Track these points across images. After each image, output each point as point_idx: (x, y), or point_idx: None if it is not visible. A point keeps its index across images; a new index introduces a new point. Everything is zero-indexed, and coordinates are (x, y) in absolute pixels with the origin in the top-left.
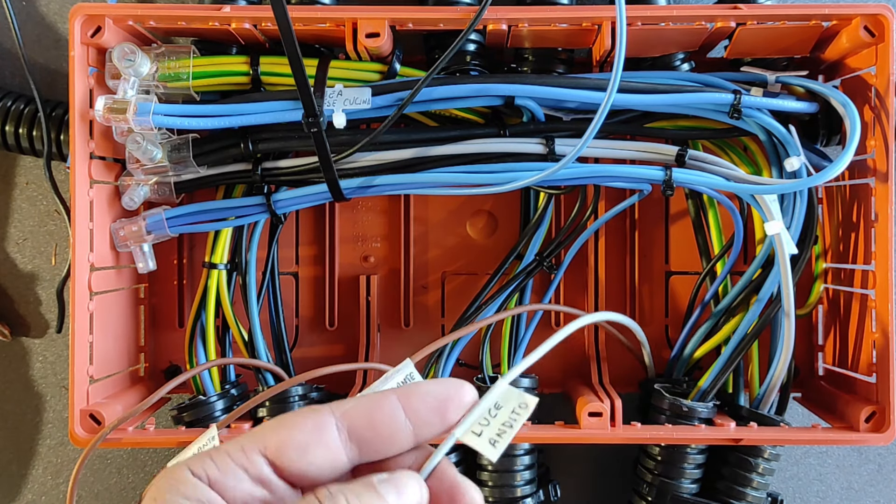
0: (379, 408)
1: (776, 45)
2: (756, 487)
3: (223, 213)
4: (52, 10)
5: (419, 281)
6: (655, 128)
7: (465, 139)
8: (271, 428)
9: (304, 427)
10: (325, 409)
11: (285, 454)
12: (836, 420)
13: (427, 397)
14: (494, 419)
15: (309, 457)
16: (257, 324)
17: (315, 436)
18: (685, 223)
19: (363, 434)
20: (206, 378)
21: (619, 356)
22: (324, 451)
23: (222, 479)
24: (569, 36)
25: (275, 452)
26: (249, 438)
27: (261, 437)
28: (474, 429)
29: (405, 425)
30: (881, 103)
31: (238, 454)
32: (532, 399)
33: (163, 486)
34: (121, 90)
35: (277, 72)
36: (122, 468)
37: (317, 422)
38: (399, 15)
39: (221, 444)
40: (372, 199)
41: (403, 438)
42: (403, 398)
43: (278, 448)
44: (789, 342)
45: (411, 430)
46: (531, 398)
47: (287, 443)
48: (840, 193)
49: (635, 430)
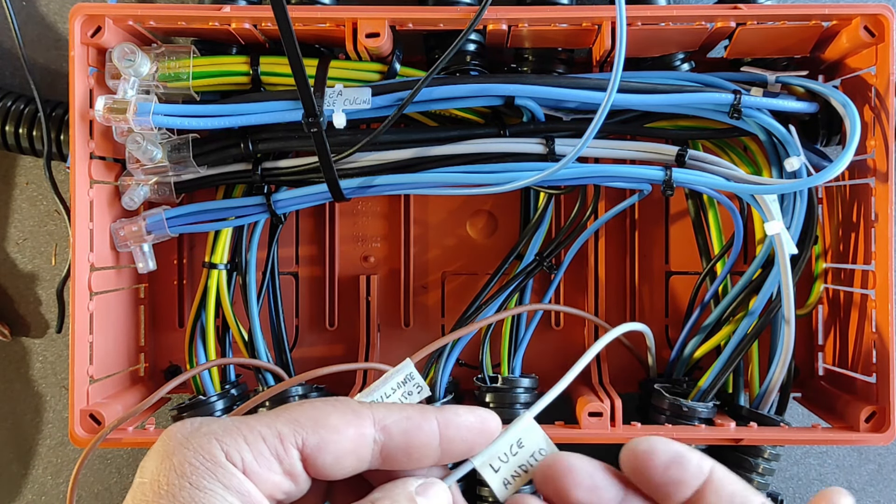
0: (419, 430)
1: (776, 45)
2: (756, 487)
3: (223, 213)
4: (52, 10)
5: (419, 281)
6: (655, 128)
7: (465, 139)
8: (311, 422)
9: (346, 434)
10: (368, 418)
11: (321, 457)
12: (836, 420)
13: (462, 429)
14: (514, 458)
15: (343, 462)
16: (257, 324)
17: (353, 445)
18: (685, 223)
19: (396, 453)
20: (206, 378)
21: (619, 356)
22: (356, 460)
23: (256, 469)
24: (569, 36)
25: (312, 451)
26: (286, 426)
27: (300, 430)
28: (493, 462)
29: (436, 451)
30: (881, 103)
31: (274, 442)
32: (554, 448)
33: (195, 464)
34: (121, 90)
35: (277, 72)
36: (122, 468)
37: (359, 431)
38: (399, 15)
39: (253, 422)
40: (372, 199)
41: (429, 461)
42: (443, 425)
43: (317, 448)
44: (789, 342)
45: (439, 455)
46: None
47: (326, 447)
48: (840, 193)
49: (635, 430)
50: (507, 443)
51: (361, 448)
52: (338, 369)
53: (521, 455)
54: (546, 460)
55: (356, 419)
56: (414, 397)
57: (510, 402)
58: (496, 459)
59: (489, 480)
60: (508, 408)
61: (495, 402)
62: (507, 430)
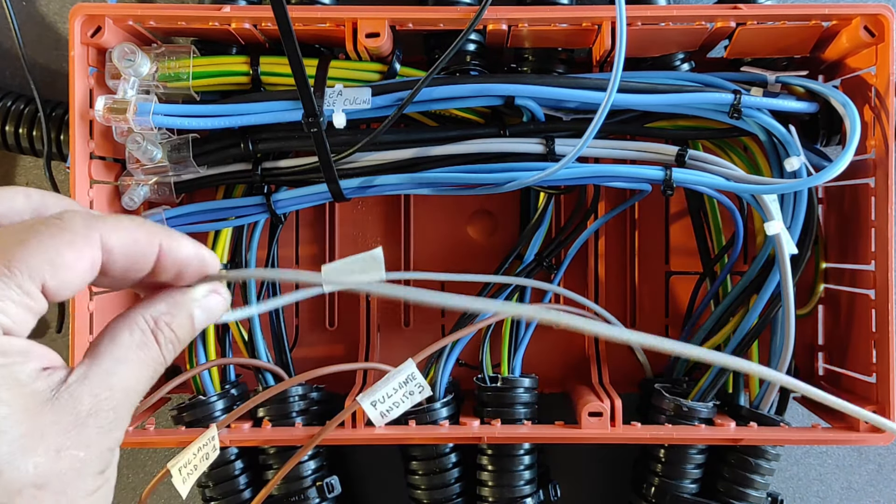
0: (143, 256)
1: (776, 45)
2: (756, 487)
3: (223, 213)
4: (52, 10)
5: (419, 281)
6: (655, 128)
7: (465, 139)
8: (48, 265)
9: (80, 266)
10: (97, 244)
11: (56, 292)
12: (836, 420)
13: (179, 261)
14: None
15: (73, 290)
16: (257, 324)
17: (87, 275)
18: (685, 223)
19: (116, 270)
20: (206, 378)
21: (620, 356)
22: (83, 283)
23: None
24: (569, 36)
25: (49, 289)
26: (24, 274)
27: (37, 274)
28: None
29: (164, 274)
30: (881, 103)
31: (17, 293)
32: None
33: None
34: (121, 90)
35: (277, 72)
36: (122, 468)
37: (92, 262)
38: (399, 15)
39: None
40: (372, 199)
41: (155, 278)
42: (165, 249)
43: (54, 287)
44: (789, 342)
45: (168, 278)
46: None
47: (62, 284)
48: (840, 193)
49: (635, 430)
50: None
51: (89, 274)
52: (338, 369)
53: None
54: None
55: (88, 248)
56: (415, 397)
57: (510, 402)
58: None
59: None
60: (508, 408)
61: (496, 403)
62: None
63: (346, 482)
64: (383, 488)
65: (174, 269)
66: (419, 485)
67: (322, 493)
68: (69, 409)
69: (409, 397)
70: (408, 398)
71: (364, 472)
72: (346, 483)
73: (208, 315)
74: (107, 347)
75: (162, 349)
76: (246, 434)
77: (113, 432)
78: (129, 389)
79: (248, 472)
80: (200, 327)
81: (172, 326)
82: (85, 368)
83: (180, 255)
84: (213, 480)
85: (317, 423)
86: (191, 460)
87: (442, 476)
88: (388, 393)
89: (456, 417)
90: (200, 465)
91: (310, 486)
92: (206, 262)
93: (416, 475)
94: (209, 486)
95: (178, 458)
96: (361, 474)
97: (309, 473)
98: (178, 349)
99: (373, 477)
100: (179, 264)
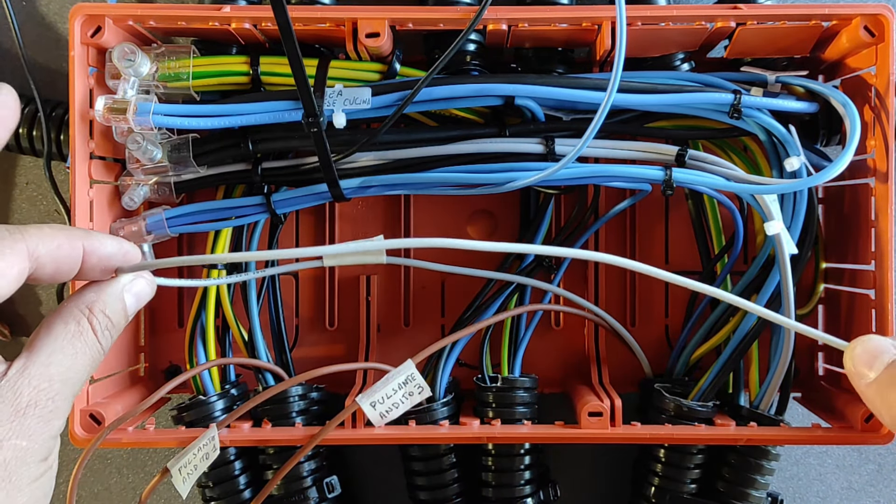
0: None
1: (776, 45)
2: (756, 487)
3: (223, 213)
4: (52, 10)
5: (419, 281)
6: (655, 128)
7: (465, 139)
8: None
9: (9, 274)
10: (23, 253)
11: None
12: (836, 420)
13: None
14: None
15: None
16: (257, 324)
17: (15, 282)
18: (685, 223)
19: (45, 275)
20: (206, 378)
21: (619, 356)
22: (11, 290)
23: None
24: (569, 36)
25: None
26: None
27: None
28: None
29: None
30: (881, 103)
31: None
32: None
33: None
34: (121, 90)
35: (277, 72)
36: (122, 468)
37: (19, 270)
38: (399, 15)
39: None
40: (372, 198)
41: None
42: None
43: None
44: (789, 342)
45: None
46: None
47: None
48: (840, 193)
49: (635, 430)
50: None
51: (17, 281)
52: (338, 369)
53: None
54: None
55: (15, 258)
56: (415, 398)
57: (510, 402)
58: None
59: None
60: (508, 408)
61: (495, 403)
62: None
63: (346, 482)
64: (383, 488)
65: (100, 266)
66: (419, 485)
67: (322, 493)
68: (9, 401)
69: (409, 398)
70: (407, 399)
71: (364, 472)
72: (346, 483)
73: (138, 299)
74: (43, 340)
75: (98, 336)
76: (246, 434)
77: (53, 421)
78: (67, 379)
79: (248, 472)
80: (133, 311)
81: (107, 312)
82: (23, 361)
83: (103, 253)
84: (213, 480)
85: (317, 423)
86: (191, 460)
87: (442, 476)
88: (387, 393)
89: (456, 417)
90: (200, 465)
91: (310, 486)
92: (128, 255)
93: (416, 475)
94: (209, 486)
95: (178, 458)
96: (361, 474)
97: (309, 473)
98: (114, 335)
99: (373, 477)
100: (104, 261)
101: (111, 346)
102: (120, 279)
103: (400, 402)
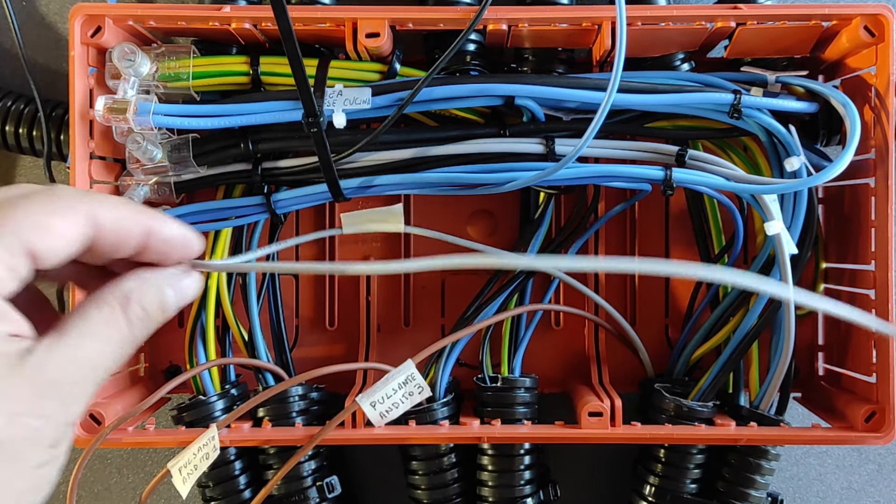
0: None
1: (776, 45)
2: (756, 487)
3: (223, 213)
4: (52, 10)
5: (419, 281)
6: (655, 128)
7: (465, 139)
8: (35, 227)
9: (68, 235)
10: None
11: (42, 259)
12: (836, 420)
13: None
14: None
15: (58, 258)
16: (257, 324)
17: (73, 244)
18: (685, 223)
19: (104, 248)
20: (206, 378)
21: (620, 356)
22: (68, 255)
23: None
24: (569, 36)
25: (36, 255)
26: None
27: (24, 238)
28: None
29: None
30: (881, 103)
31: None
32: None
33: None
34: (121, 90)
35: (277, 72)
36: (122, 468)
37: (77, 231)
38: (399, 15)
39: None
40: (372, 199)
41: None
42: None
43: (41, 252)
44: (789, 342)
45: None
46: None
47: (48, 251)
48: (840, 193)
49: (635, 430)
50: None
51: (77, 244)
52: (338, 369)
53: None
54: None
55: (77, 218)
56: (415, 398)
57: (510, 403)
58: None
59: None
60: (508, 408)
61: (496, 403)
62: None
63: (346, 482)
64: (383, 488)
65: (160, 249)
66: (419, 485)
67: (322, 493)
68: (31, 377)
69: (409, 398)
70: (407, 399)
71: (364, 472)
72: (346, 483)
73: (180, 295)
74: (74, 322)
75: (132, 326)
76: (246, 434)
77: (72, 406)
78: (94, 365)
79: (248, 472)
80: (173, 307)
81: (143, 304)
82: (51, 340)
83: (166, 235)
84: (213, 480)
85: (317, 423)
86: (191, 460)
87: (442, 476)
88: (387, 393)
89: (456, 417)
90: (200, 465)
91: (310, 486)
92: (191, 243)
93: (416, 475)
94: (209, 486)
95: (178, 458)
96: (361, 474)
97: (309, 473)
98: (149, 327)
99: (373, 477)
100: (165, 244)
101: (145, 338)
102: (165, 269)
103: (400, 402)
